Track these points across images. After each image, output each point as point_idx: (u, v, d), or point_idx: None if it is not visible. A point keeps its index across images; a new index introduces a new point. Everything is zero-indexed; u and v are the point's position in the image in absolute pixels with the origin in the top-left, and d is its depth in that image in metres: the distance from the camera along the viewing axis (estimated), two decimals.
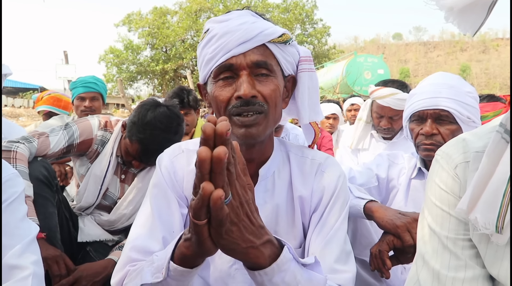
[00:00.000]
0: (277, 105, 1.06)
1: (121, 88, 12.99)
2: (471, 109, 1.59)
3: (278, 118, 1.10)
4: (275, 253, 0.78)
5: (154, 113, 1.88)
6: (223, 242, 0.70)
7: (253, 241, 0.73)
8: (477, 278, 0.79)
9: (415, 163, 1.80)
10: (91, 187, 2.10)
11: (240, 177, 0.69)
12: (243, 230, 0.71)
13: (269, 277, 0.77)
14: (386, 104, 2.50)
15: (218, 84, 1.05)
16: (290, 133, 3.14)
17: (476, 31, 0.64)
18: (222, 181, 0.63)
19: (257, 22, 1.04)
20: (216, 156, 0.60)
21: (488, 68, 69.55)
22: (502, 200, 0.68)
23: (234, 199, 0.68)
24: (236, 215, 0.69)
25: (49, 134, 1.94)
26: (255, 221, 0.73)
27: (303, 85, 1.16)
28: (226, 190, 0.64)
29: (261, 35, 1.02)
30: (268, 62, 1.03)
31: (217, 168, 0.61)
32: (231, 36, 1.01)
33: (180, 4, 28.70)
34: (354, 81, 14.98)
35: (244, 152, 1.09)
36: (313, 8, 28.61)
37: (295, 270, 0.80)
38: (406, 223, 1.32)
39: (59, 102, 3.77)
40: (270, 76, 1.04)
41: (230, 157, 0.64)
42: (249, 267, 0.78)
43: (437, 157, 0.88)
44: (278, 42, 1.05)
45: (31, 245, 1.07)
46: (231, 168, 0.65)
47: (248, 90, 0.99)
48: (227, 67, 1.02)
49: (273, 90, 1.03)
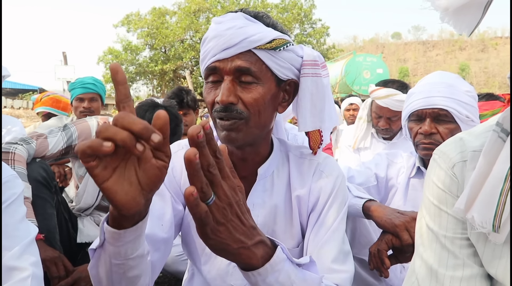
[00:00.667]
0: (262, 112, 1.03)
1: None
2: (470, 108, 1.59)
3: (264, 124, 1.07)
4: (268, 253, 0.77)
5: (152, 114, 1.88)
6: (212, 242, 0.70)
7: (244, 242, 0.72)
8: (475, 277, 0.79)
9: (414, 162, 1.80)
10: (90, 188, 2.10)
11: (228, 179, 0.69)
12: (233, 231, 0.70)
13: (262, 278, 0.76)
14: (384, 105, 2.50)
15: (207, 85, 1.06)
16: (289, 133, 3.14)
17: (471, 31, 0.65)
18: (199, 182, 0.63)
19: (245, 27, 1.01)
20: (186, 157, 0.60)
21: (487, 67, 69.58)
22: (499, 199, 0.68)
23: (220, 200, 0.67)
24: (223, 215, 0.68)
25: (47, 136, 1.94)
26: (246, 221, 0.73)
27: (303, 91, 1.12)
28: (206, 191, 0.64)
29: (245, 42, 0.99)
30: (252, 69, 1.00)
31: (190, 169, 0.61)
32: (218, 41, 1.01)
33: (178, 4, 28.68)
34: (353, 80, 14.99)
35: (236, 151, 1.11)
36: (312, 7, 28.60)
37: (289, 270, 0.80)
38: (405, 222, 1.32)
39: (58, 103, 3.77)
40: (254, 83, 1.02)
41: (209, 159, 0.64)
42: (243, 268, 0.78)
43: (435, 156, 0.88)
44: (266, 48, 1.01)
45: (30, 247, 1.07)
46: (211, 170, 0.65)
47: (225, 96, 0.98)
48: (213, 69, 1.03)
49: (255, 98, 1.01)
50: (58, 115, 3.72)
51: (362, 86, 14.93)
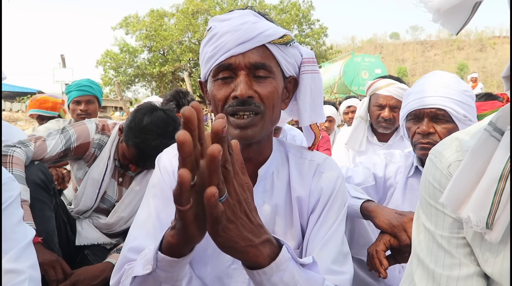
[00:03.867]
0: (275, 106, 1.06)
1: (118, 91, 12.95)
2: (468, 107, 1.60)
3: (275, 119, 1.10)
4: (274, 252, 0.78)
5: (150, 118, 1.88)
6: (221, 240, 0.69)
7: (252, 240, 0.72)
8: (472, 276, 0.79)
9: (412, 161, 1.80)
10: (89, 190, 2.10)
11: (238, 176, 0.69)
12: (241, 228, 0.70)
13: (267, 277, 0.76)
14: (388, 93, 2.47)
15: (216, 83, 1.05)
16: (288, 134, 3.14)
17: (458, 30, 0.65)
18: (217, 179, 0.63)
19: (258, 23, 1.04)
20: (210, 154, 0.60)
21: (486, 66, 69.72)
22: (493, 198, 0.69)
23: (231, 197, 0.68)
24: (233, 213, 0.68)
25: (46, 138, 1.94)
26: (254, 219, 0.73)
27: (304, 87, 1.15)
28: (222, 188, 0.64)
29: (261, 36, 1.01)
30: (267, 63, 1.03)
31: (212, 166, 0.61)
32: (231, 36, 1.01)
33: (177, 6, 28.70)
34: (352, 80, 14.99)
35: (241, 151, 1.09)
36: (310, 8, 28.65)
37: (294, 270, 0.80)
38: (403, 222, 1.32)
39: (46, 103, 3.76)
40: (269, 78, 1.04)
41: (226, 155, 0.64)
42: (248, 266, 0.78)
43: (431, 156, 0.89)
44: (279, 43, 1.04)
45: (27, 249, 1.07)
46: (227, 166, 0.65)
47: (245, 90, 0.99)
48: (226, 66, 1.02)
49: (270, 92, 1.03)
50: (49, 115, 3.71)
51: (360, 87, 14.91)
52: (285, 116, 1.27)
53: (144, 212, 1.09)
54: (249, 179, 0.75)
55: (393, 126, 2.58)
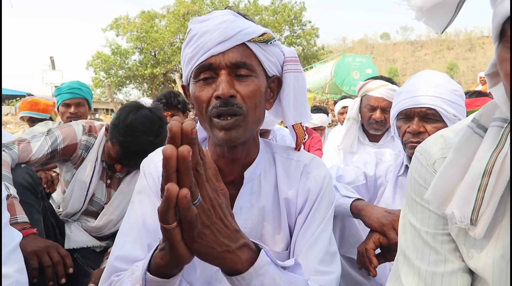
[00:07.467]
0: (257, 106, 1.04)
1: (109, 93, 12.89)
2: (457, 107, 1.61)
3: (259, 119, 1.08)
4: (252, 257, 0.76)
5: (135, 115, 1.86)
6: (197, 246, 0.68)
7: (229, 245, 0.71)
8: (456, 272, 0.79)
9: (402, 160, 1.81)
10: (77, 193, 2.08)
11: (211, 181, 0.68)
12: (217, 234, 0.69)
13: (247, 282, 0.75)
14: (379, 95, 2.48)
15: (198, 84, 1.03)
16: (277, 135, 3.14)
17: (443, 29, 0.66)
18: (189, 181, 0.62)
19: (237, 21, 1.03)
20: (180, 154, 0.60)
21: (475, 65, 70.50)
22: (477, 194, 0.69)
23: (205, 201, 0.67)
24: (208, 217, 0.67)
25: (30, 140, 1.92)
26: (230, 224, 0.72)
27: (288, 86, 1.14)
28: (194, 191, 0.64)
29: (241, 34, 1.00)
30: (248, 62, 1.01)
31: (182, 167, 0.60)
32: (210, 35, 1.00)
33: (167, 7, 28.63)
34: (343, 81, 15.05)
35: (227, 153, 1.09)
36: (302, 9, 28.76)
37: (274, 273, 0.79)
38: (392, 221, 1.33)
39: (37, 105, 3.71)
40: (251, 76, 1.02)
41: (197, 157, 0.64)
42: (227, 273, 0.77)
43: (416, 153, 0.89)
44: (259, 41, 1.03)
45: (14, 253, 1.05)
46: (199, 169, 0.64)
47: (227, 89, 0.97)
48: (206, 66, 1.01)
49: (252, 91, 1.01)
50: (40, 118, 3.67)
51: (351, 87, 14.96)
52: (272, 118, 1.27)
53: (130, 219, 1.08)
54: (224, 186, 0.75)
55: (384, 127, 2.60)
